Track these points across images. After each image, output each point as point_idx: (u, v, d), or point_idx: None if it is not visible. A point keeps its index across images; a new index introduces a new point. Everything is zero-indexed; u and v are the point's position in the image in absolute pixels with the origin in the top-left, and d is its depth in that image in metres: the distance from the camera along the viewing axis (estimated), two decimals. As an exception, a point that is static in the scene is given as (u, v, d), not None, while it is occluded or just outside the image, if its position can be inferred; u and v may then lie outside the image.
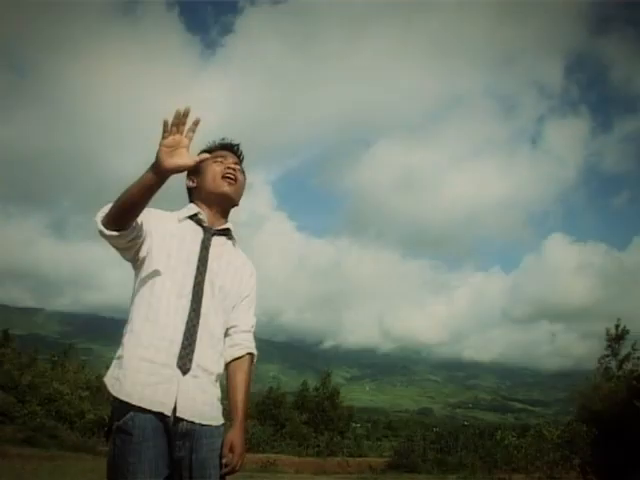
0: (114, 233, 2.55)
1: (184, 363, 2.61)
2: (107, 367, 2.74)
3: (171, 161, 2.42)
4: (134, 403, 2.52)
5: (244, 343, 2.89)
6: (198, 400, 2.64)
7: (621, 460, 16.71)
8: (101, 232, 2.56)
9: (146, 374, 2.56)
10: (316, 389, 56.07)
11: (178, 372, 2.60)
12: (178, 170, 2.46)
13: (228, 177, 2.89)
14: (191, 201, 2.98)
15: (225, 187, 2.88)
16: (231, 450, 2.64)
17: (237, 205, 2.99)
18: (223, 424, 2.74)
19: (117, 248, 2.67)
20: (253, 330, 2.97)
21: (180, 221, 2.85)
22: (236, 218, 3.04)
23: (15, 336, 46.40)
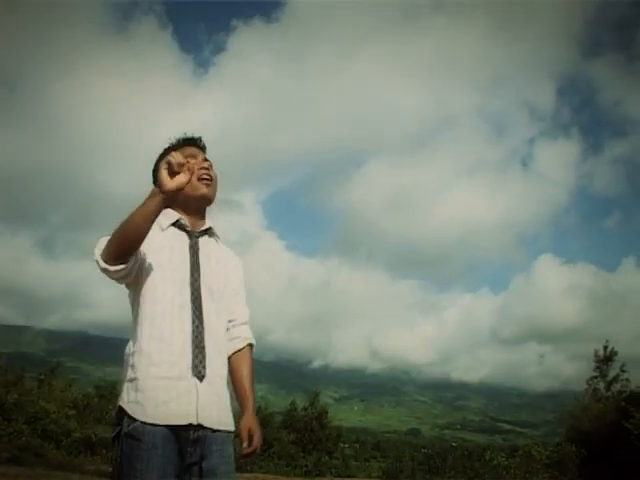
0: (119, 267, 2.56)
1: (199, 371, 2.63)
2: (95, 386, 2.76)
3: (173, 182, 2.48)
4: (162, 424, 2.52)
5: (243, 335, 2.94)
6: (214, 407, 2.66)
7: (610, 480, 16.69)
8: (106, 270, 2.57)
9: (164, 391, 2.56)
10: (304, 409, 55.76)
11: (195, 381, 2.61)
12: (180, 188, 2.51)
13: (205, 179, 2.87)
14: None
15: (203, 189, 2.86)
16: (250, 433, 2.71)
17: (211, 204, 2.98)
18: (234, 431, 2.76)
19: (119, 279, 2.66)
20: (247, 322, 3.00)
21: (164, 230, 2.82)
22: (226, 237, 3.04)
23: (2, 354, 46.06)
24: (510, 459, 27.28)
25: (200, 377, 2.61)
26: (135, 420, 2.52)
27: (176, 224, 2.86)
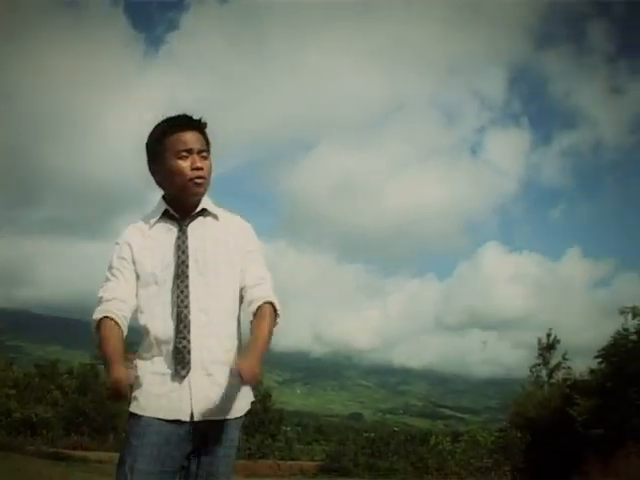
0: None
1: (182, 368, 2.55)
2: (35, 365, 2.70)
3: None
4: (149, 415, 2.50)
5: (256, 296, 2.68)
6: (214, 397, 2.55)
7: (554, 466, 16.88)
8: None
9: (159, 385, 2.56)
10: (248, 392, 55.87)
11: (189, 376, 2.55)
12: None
13: (196, 183, 2.70)
14: (160, 186, 2.82)
15: (194, 190, 2.71)
16: (240, 375, 2.42)
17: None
18: (244, 415, 2.69)
19: None
20: (264, 281, 2.75)
21: (152, 226, 2.74)
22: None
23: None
24: (455, 444, 27.54)
25: (183, 374, 2.55)
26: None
27: (165, 215, 2.76)
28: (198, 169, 2.68)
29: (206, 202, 2.79)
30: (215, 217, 2.80)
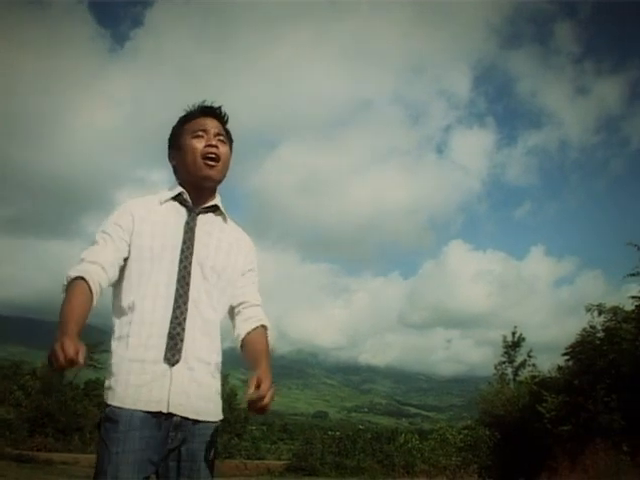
0: None
1: (172, 354, 2.41)
2: None
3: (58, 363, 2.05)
4: (129, 407, 2.32)
5: (257, 316, 2.71)
6: (192, 395, 2.43)
7: (523, 463, 16.98)
8: None
9: (137, 374, 2.38)
10: (214, 391, 55.91)
11: (168, 365, 2.40)
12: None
13: (209, 157, 2.62)
14: (176, 177, 2.75)
15: (205, 170, 2.63)
16: (258, 381, 2.35)
17: (222, 181, 2.73)
18: (221, 421, 2.55)
19: None
20: (261, 306, 2.77)
21: (162, 203, 2.64)
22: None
23: None
24: (424, 442, 27.61)
25: (172, 361, 2.41)
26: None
27: (177, 198, 2.67)
28: (211, 145, 2.63)
29: (219, 201, 2.74)
30: (224, 219, 2.74)
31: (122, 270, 2.52)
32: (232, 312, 2.70)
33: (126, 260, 2.52)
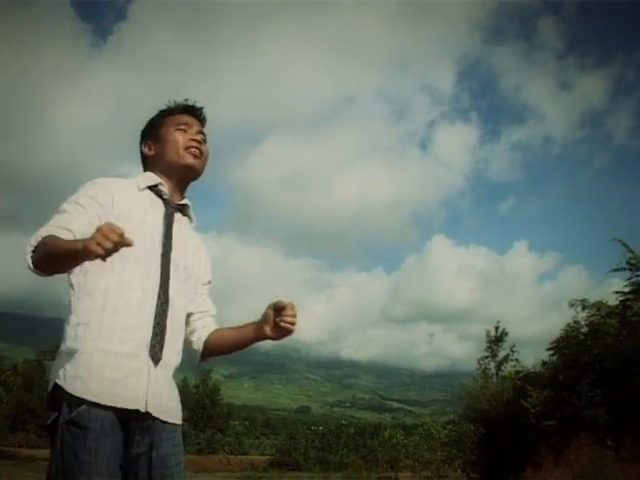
0: (43, 274, 2.19)
1: (156, 352, 2.27)
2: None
3: (100, 247, 1.90)
4: (104, 403, 2.13)
5: (215, 326, 2.65)
6: (164, 394, 2.31)
7: (507, 458, 17.00)
8: (31, 270, 2.18)
9: (111, 368, 2.19)
10: (196, 386, 55.84)
11: (149, 362, 2.25)
12: (107, 254, 1.95)
13: (192, 147, 2.55)
14: (145, 170, 2.61)
15: (189, 159, 2.53)
16: (277, 306, 2.40)
17: (198, 178, 2.64)
18: (181, 425, 2.42)
19: None
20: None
21: (140, 190, 2.49)
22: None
23: None
24: (409, 437, 27.67)
25: (156, 359, 2.27)
26: (78, 403, 2.13)
27: (153, 189, 2.53)
28: (195, 140, 2.57)
29: (188, 201, 2.65)
30: (190, 221, 2.65)
31: None
32: (188, 318, 2.56)
33: None
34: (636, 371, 14.28)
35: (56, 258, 2.11)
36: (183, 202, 2.59)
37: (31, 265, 2.15)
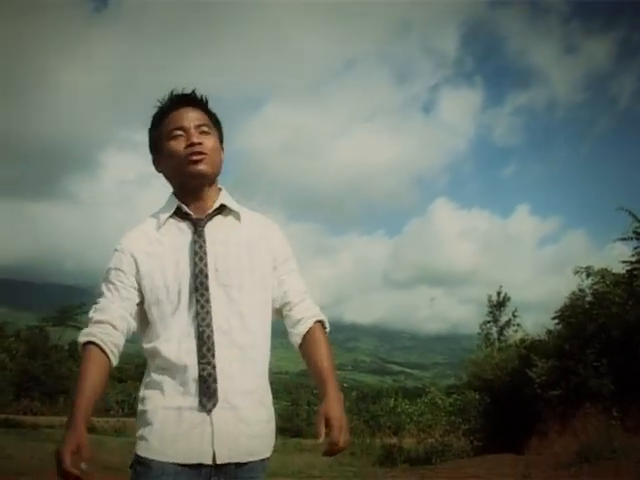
0: None
1: (208, 399, 2.09)
2: None
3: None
4: (168, 461, 2.04)
5: (305, 314, 2.36)
6: (241, 436, 2.13)
7: (512, 427, 17.01)
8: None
9: (174, 423, 2.09)
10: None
11: (205, 412, 2.10)
12: None
13: (193, 156, 2.25)
14: (169, 182, 2.39)
15: (192, 168, 2.25)
16: (327, 425, 2.09)
17: (218, 174, 2.35)
18: (269, 457, 2.24)
19: None
20: (307, 296, 2.42)
21: (160, 227, 2.28)
22: (124, 177, 2.31)
23: None
24: (413, 407, 27.68)
25: (209, 407, 2.09)
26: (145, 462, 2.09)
27: (176, 213, 2.30)
28: (193, 145, 2.25)
29: (226, 198, 2.36)
30: (237, 216, 2.35)
31: (143, 316, 2.26)
32: (280, 314, 2.39)
33: (141, 305, 2.24)
34: (643, 341, 14.25)
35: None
36: (216, 206, 2.32)
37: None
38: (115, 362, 2.16)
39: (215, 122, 2.39)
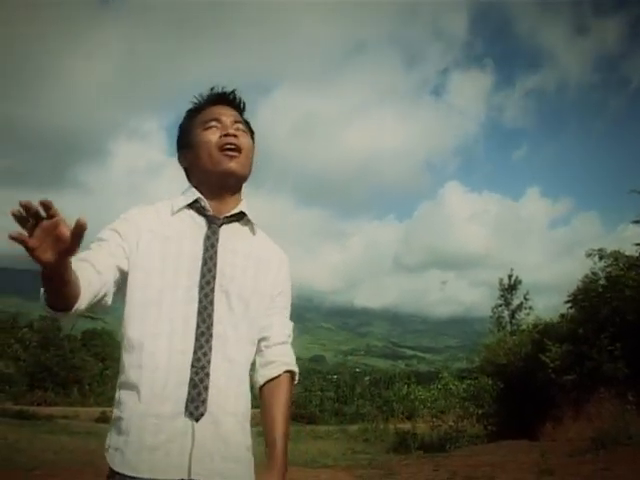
0: (62, 313, 1.78)
1: (196, 407, 1.89)
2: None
3: (42, 257, 1.54)
4: (143, 476, 1.83)
5: (280, 359, 2.16)
6: (217, 456, 1.92)
7: (527, 412, 16.93)
8: (49, 313, 1.78)
9: (152, 433, 1.87)
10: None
11: (191, 421, 1.89)
12: (50, 265, 1.56)
13: (228, 149, 2.09)
14: (190, 182, 2.19)
15: (226, 163, 2.08)
16: None
17: (247, 179, 2.18)
18: None
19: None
20: (289, 340, 2.23)
21: (174, 213, 2.10)
22: (133, 165, 2.19)
23: None
24: (427, 393, 27.66)
25: (196, 415, 1.90)
26: (121, 477, 1.87)
27: (193, 206, 2.12)
28: (228, 135, 2.11)
29: (245, 206, 2.19)
30: (253, 229, 2.20)
31: (122, 294, 2.00)
32: (259, 344, 2.17)
33: (124, 277, 1.99)
34: (657, 325, 14.13)
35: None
36: (234, 211, 2.15)
37: (48, 309, 1.79)
38: (85, 304, 1.83)
39: (250, 129, 2.26)
